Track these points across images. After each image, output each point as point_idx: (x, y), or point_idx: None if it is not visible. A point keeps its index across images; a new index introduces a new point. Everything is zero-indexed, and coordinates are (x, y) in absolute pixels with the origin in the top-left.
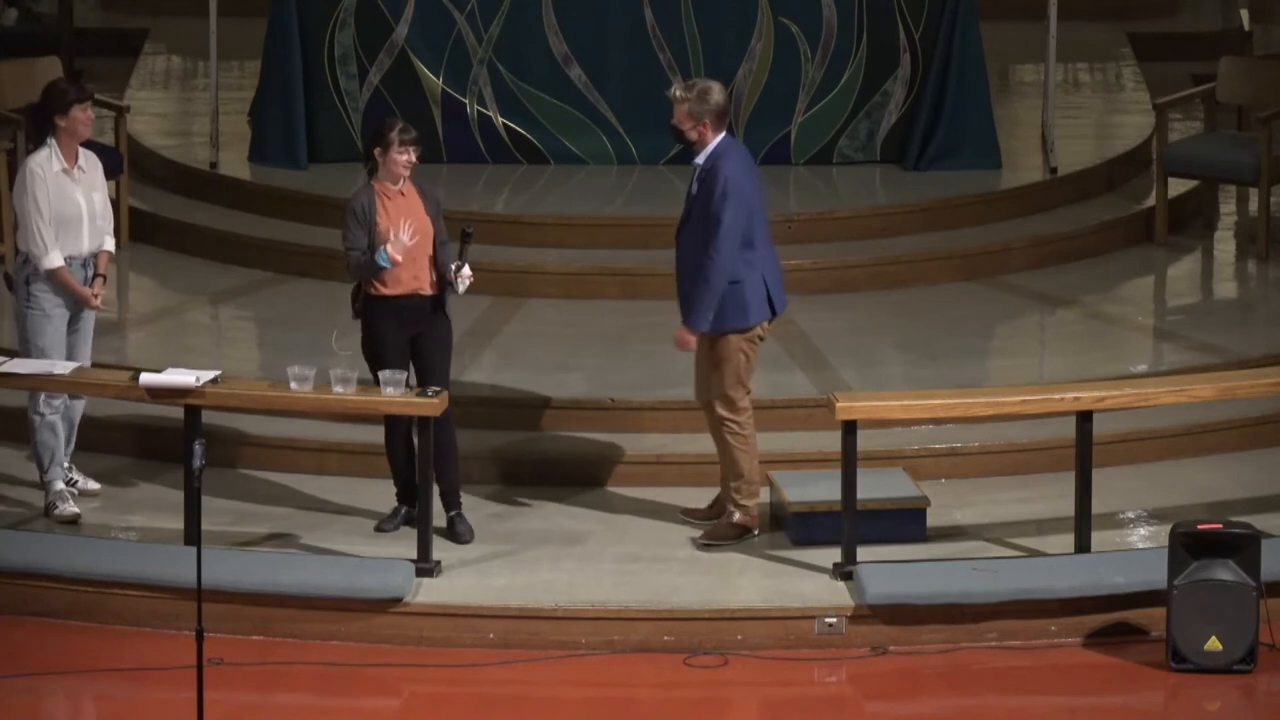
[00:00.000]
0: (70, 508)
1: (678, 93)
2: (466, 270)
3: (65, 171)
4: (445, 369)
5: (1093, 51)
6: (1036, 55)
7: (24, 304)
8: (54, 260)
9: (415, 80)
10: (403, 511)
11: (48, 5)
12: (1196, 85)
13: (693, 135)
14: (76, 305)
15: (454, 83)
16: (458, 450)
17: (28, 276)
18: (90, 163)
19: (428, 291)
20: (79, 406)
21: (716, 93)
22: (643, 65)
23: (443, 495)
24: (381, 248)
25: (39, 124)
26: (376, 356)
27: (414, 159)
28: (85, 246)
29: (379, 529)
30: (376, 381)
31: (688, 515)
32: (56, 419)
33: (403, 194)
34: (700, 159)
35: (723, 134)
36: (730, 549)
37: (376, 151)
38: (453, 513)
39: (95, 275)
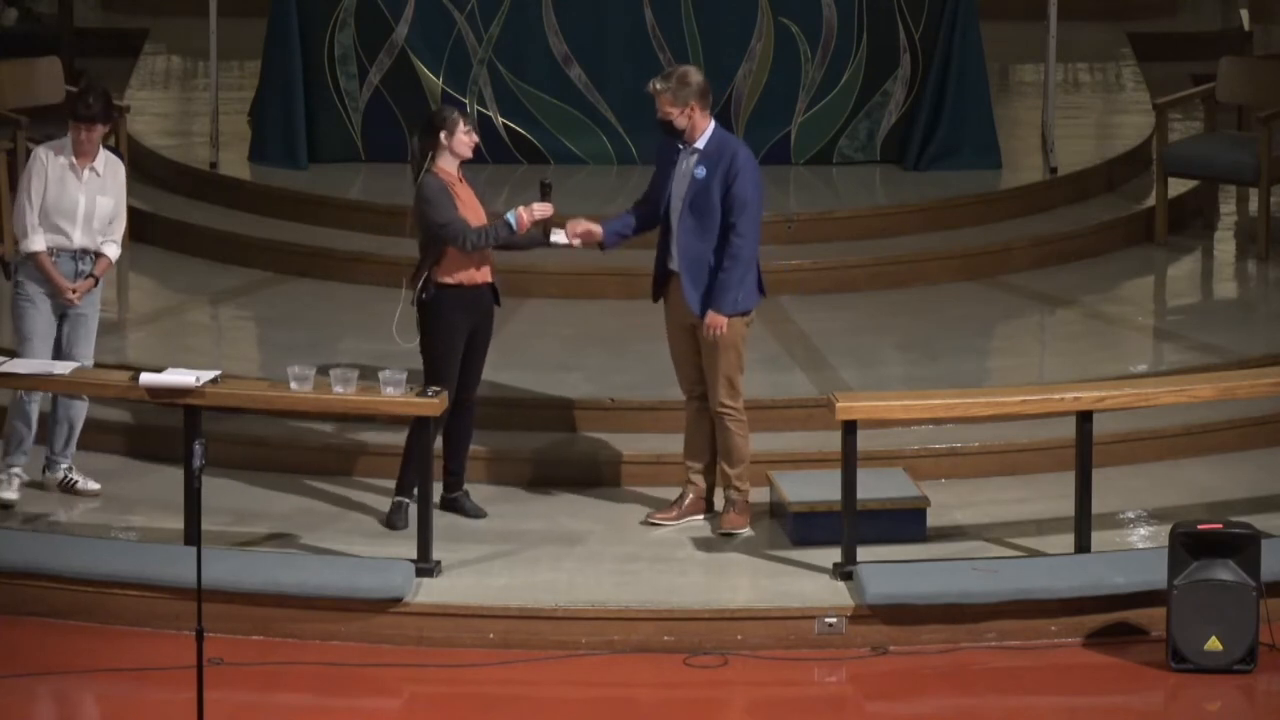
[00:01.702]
0: (8, 494)
1: (657, 84)
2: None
3: (72, 166)
4: (484, 359)
5: (1093, 51)
6: (1036, 55)
7: (13, 290)
8: (33, 244)
9: (415, 80)
10: (406, 505)
11: (48, 5)
12: (1196, 85)
13: (682, 122)
14: (60, 300)
15: (454, 83)
16: (470, 435)
17: (17, 264)
18: (109, 168)
19: (489, 280)
20: (80, 408)
21: (694, 74)
22: (643, 65)
23: (453, 474)
24: (511, 211)
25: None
26: (442, 347)
27: (476, 139)
28: (75, 243)
29: (392, 527)
30: (428, 371)
31: (654, 520)
32: (33, 409)
33: (461, 181)
34: (700, 143)
35: (713, 120)
36: (729, 549)
37: (442, 135)
38: (459, 492)
39: (88, 276)
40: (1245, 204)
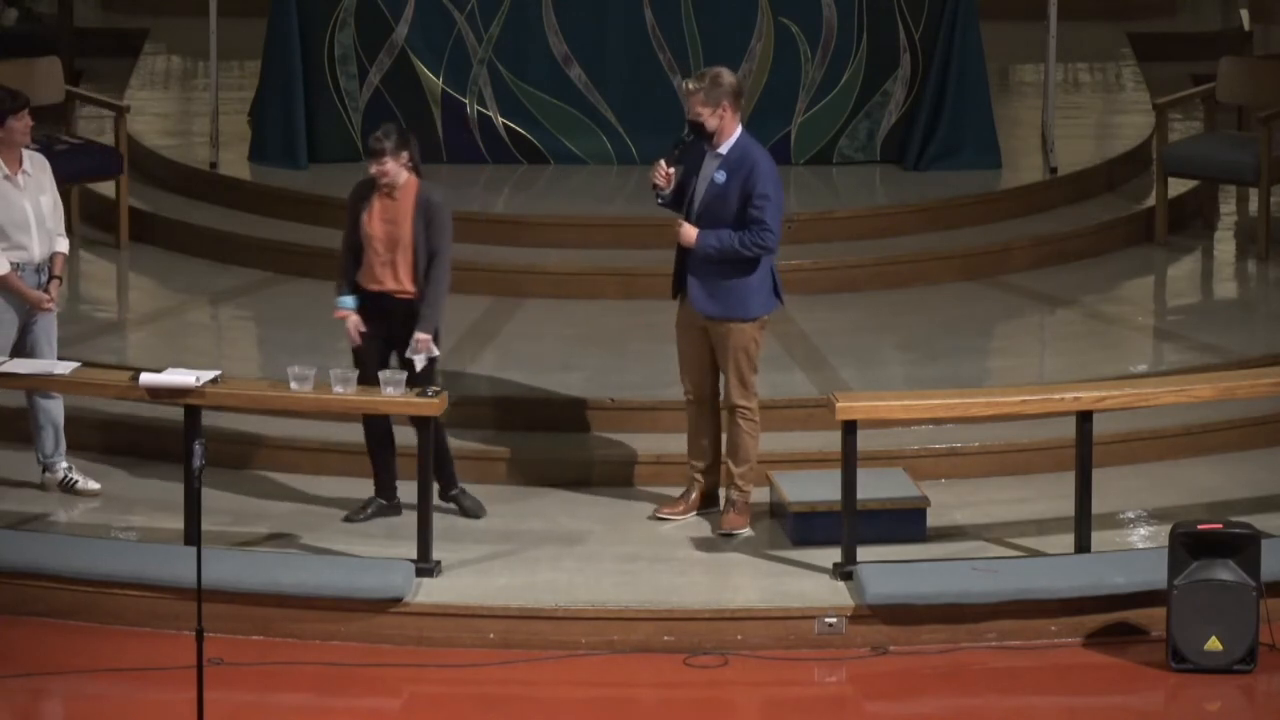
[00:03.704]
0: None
1: (690, 85)
2: (422, 354)
3: (7, 178)
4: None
5: (1093, 51)
6: (1036, 55)
7: None
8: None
9: (415, 80)
10: (375, 503)
11: (48, 5)
12: (1196, 85)
13: (714, 123)
14: (28, 309)
15: (454, 83)
16: (446, 443)
17: None
18: (37, 165)
19: (399, 294)
20: (58, 407)
21: (727, 75)
22: (643, 65)
23: (442, 483)
24: (344, 298)
25: None
26: (354, 346)
27: (380, 169)
28: (35, 253)
29: (348, 519)
30: (355, 365)
31: (661, 514)
32: None
33: (393, 199)
34: (724, 148)
35: (740, 126)
36: (729, 549)
37: None
38: (455, 491)
39: (50, 279)
40: (1245, 204)
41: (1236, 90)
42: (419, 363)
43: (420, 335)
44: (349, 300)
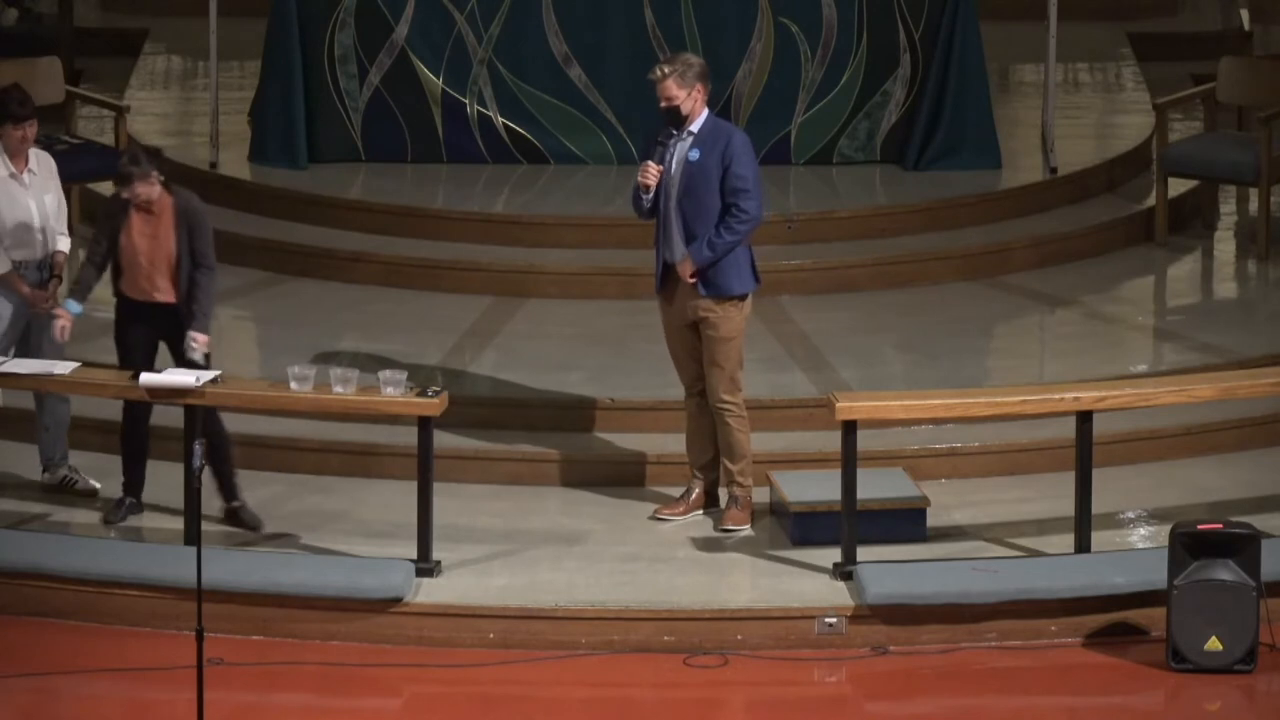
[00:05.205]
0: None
1: (663, 69)
2: (199, 351)
3: (13, 176)
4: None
5: (1093, 51)
6: (1036, 55)
7: None
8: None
9: (415, 80)
10: (128, 502)
11: (48, 5)
12: (1196, 85)
13: (689, 105)
14: (31, 309)
15: (454, 83)
16: (231, 442)
17: None
18: (42, 164)
19: (165, 300)
20: (67, 409)
21: (694, 57)
22: (643, 65)
23: (222, 488)
24: (72, 302)
25: None
26: (120, 351)
27: (132, 193)
28: (39, 251)
29: (107, 521)
30: (121, 357)
31: (662, 515)
32: None
33: (151, 213)
34: (695, 126)
35: (706, 107)
36: (729, 549)
37: None
38: (236, 504)
39: (51, 277)
40: (1245, 204)
41: (1236, 90)
42: (198, 359)
43: (200, 336)
44: (75, 306)
